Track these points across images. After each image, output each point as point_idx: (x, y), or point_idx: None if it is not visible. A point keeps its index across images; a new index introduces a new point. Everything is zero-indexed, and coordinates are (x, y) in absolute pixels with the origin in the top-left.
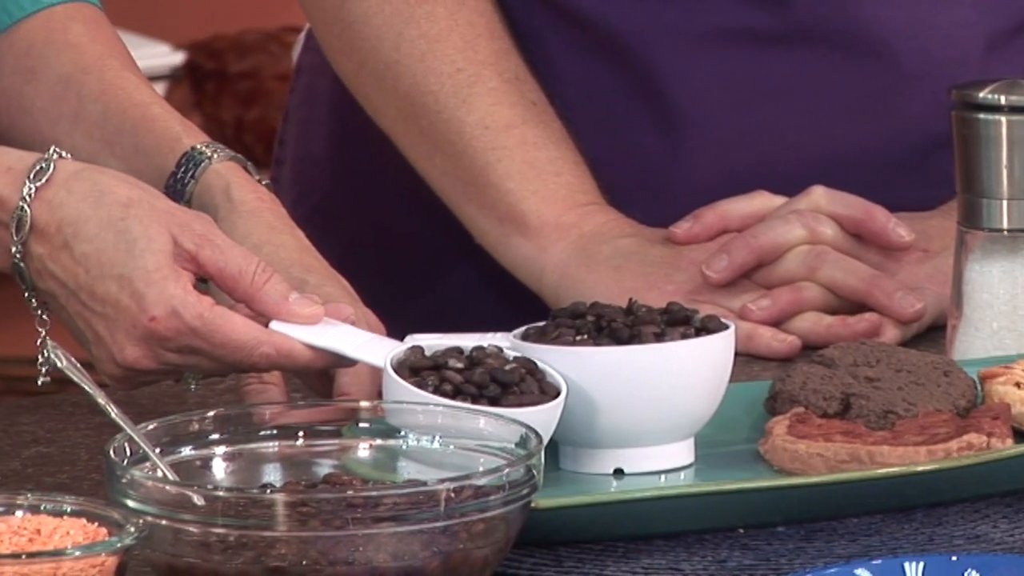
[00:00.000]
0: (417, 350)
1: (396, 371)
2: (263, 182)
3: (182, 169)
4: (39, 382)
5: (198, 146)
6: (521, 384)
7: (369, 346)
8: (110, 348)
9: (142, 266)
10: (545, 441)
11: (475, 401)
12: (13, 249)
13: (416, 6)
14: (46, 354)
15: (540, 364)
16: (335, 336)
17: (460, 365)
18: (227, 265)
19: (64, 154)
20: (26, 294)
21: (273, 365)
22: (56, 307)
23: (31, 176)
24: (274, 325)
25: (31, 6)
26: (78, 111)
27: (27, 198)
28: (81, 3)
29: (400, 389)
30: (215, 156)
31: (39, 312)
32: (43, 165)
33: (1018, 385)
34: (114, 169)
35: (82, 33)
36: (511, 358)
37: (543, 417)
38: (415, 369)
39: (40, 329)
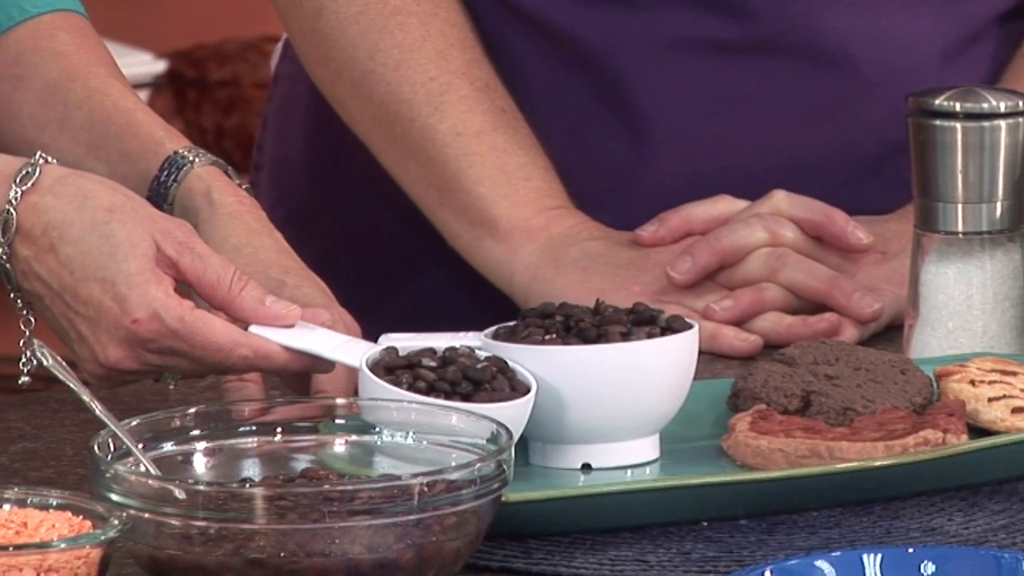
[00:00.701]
0: (392, 351)
1: (371, 370)
2: (243, 186)
3: (165, 173)
4: (20, 381)
5: (180, 151)
6: (492, 382)
7: (345, 347)
8: (93, 348)
9: (125, 269)
10: (516, 437)
11: (448, 397)
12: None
13: (390, 17)
14: (29, 354)
15: (511, 363)
16: (312, 339)
17: (433, 364)
18: (206, 272)
19: (50, 159)
20: (11, 295)
21: (251, 367)
22: (41, 308)
23: (17, 180)
24: (253, 329)
25: (19, 15)
26: (64, 117)
27: (13, 201)
28: (67, 12)
29: (375, 387)
30: (197, 160)
31: (24, 312)
32: (29, 169)
33: (973, 383)
34: (100, 174)
35: (68, 41)
36: (483, 357)
37: (514, 413)
38: (390, 368)
39: (24, 329)
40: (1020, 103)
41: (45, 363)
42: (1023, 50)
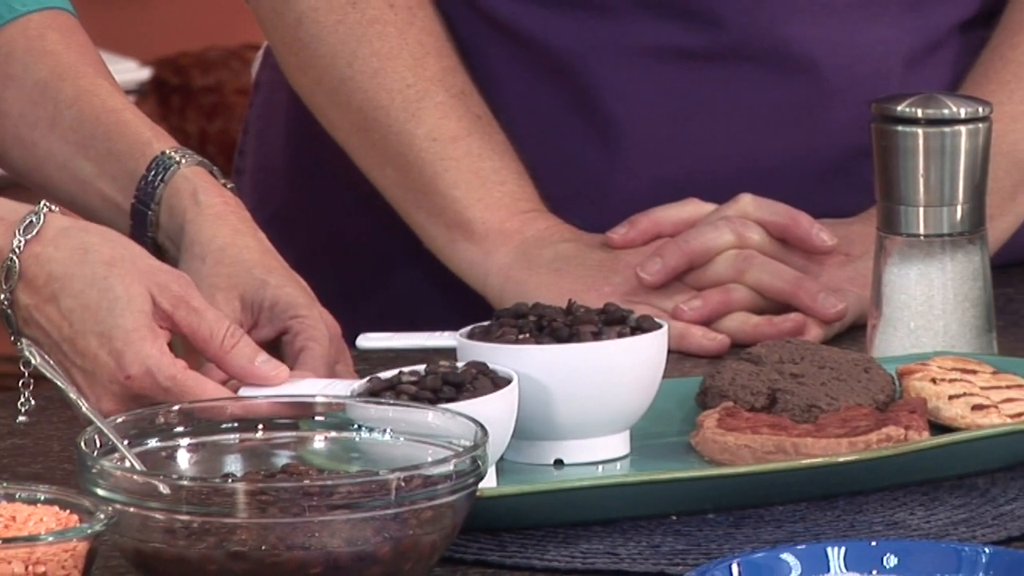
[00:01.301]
0: (375, 379)
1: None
2: (228, 186)
3: (152, 173)
4: (17, 421)
5: (167, 151)
6: (474, 382)
7: (331, 388)
8: (88, 399)
9: (122, 325)
10: (510, 429)
11: (433, 404)
12: (1, 296)
13: (368, 26)
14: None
15: (490, 364)
16: (298, 388)
17: (414, 378)
18: (200, 327)
19: (53, 208)
20: (11, 337)
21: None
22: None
23: (21, 228)
24: (243, 391)
25: (8, 13)
26: (54, 116)
27: (17, 250)
28: (57, 11)
29: (365, 410)
30: (183, 161)
31: (23, 352)
32: (33, 219)
33: (934, 381)
34: (88, 172)
35: (58, 41)
36: (461, 363)
37: (501, 405)
38: (374, 393)
39: (24, 369)
40: (980, 109)
41: (34, 361)
42: (982, 58)
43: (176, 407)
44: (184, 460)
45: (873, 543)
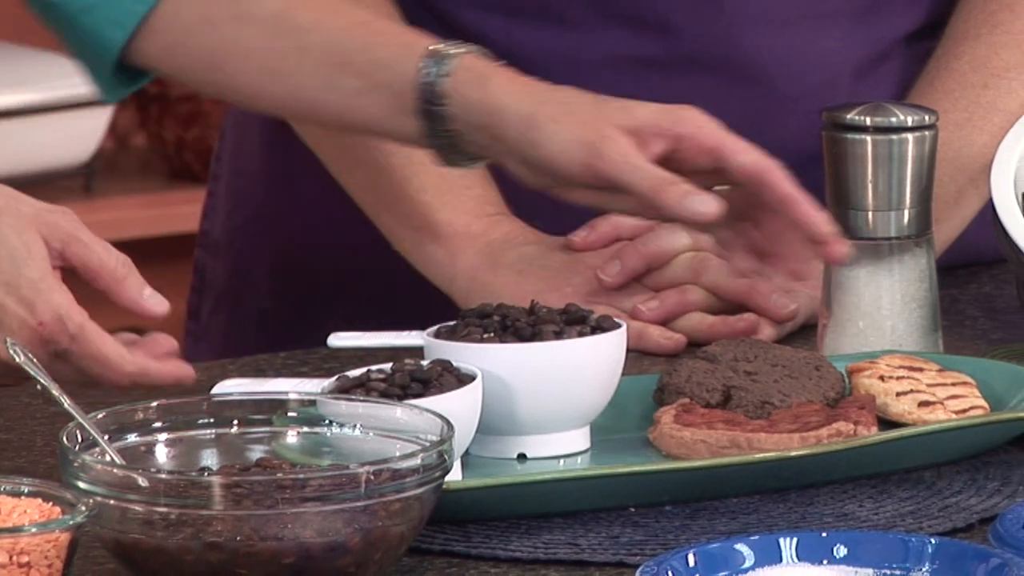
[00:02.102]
0: (345, 377)
1: (329, 397)
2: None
3: (429, 70)
4: None
5: (435, 47)
6: (440, 379)
7: (302, 386)
8: None
9: (27, 275)
10: (474, 425)
11: (401, 400)
12: None
13: None
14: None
15: (455, 362)
16: (274, 385)
17: (382, 376)
18: (91, 260)
19: None
20: None
21: (133, 384)
22: None
23: None
24: (216, 388)
25: None
26: (300, 43)
27: None
28: None
29: (335, 406)
30: (455, 52)
31: (9, 349)
32: None
33: (882, 378)
34: (351, 88)
35: None
36: (427, 361)
37: (466, 401)
38: (343, 391)
39: None
40: (926, 117)
41: (17, 359)
42: (928, 68)
43: (154, 404)
44: (162, 454)
45: (824, 534)
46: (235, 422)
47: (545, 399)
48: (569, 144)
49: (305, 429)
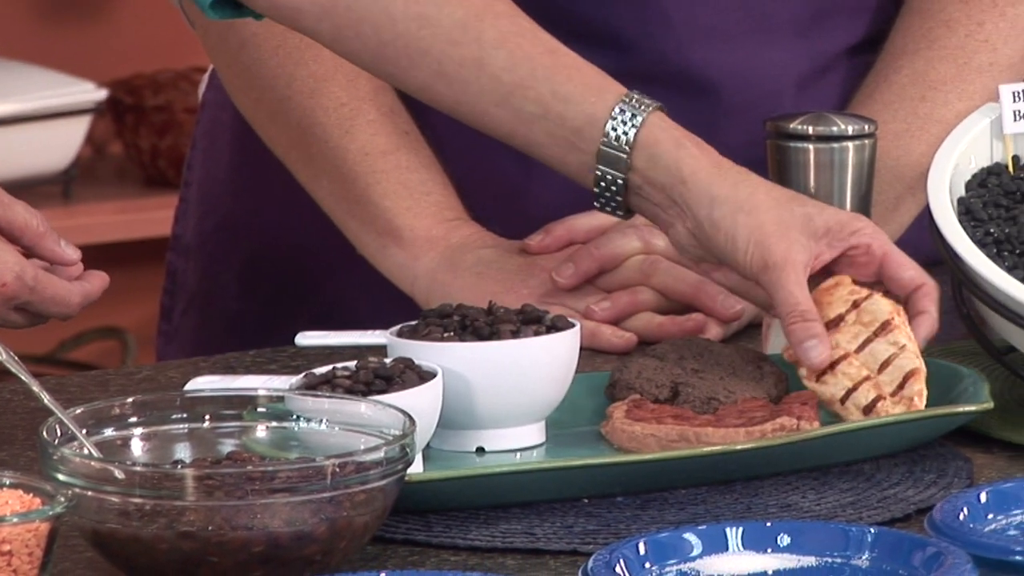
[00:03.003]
0: (311, 374)
1: (297, 393)
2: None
3: (618, 118)
4: None
5: (627, 97)
6: (402, 376)
7: (272, 383)
8: None
9: None
10: (435, 420)
11: (365, 396)
12: None
13: (305, 50)
14: None
15: (417, 360)
16: (244, 382)
17: (347, 373)
18: (15, 219)
19: None
20: None
21: (79, 308)
22: None
23: None
24: (189, 385)
25: None
26: (480, 56)
27: None
28: None
29: (303, 402)
30: (645, 106)
31: None
32: None
33: (819, 379)
34: (528, 112)
35: None
36: (390, 359)
37: (427, 397)
38: (311, 387)
39: None
40: (866, 126)
41: (0, 357)
42: (868, 80)
43: (130, 400)
44: (137, 448)
45: (768, 524)
46: (207, 417)
47: (502, 395)
48: (752, 246)
49: (274, 424)
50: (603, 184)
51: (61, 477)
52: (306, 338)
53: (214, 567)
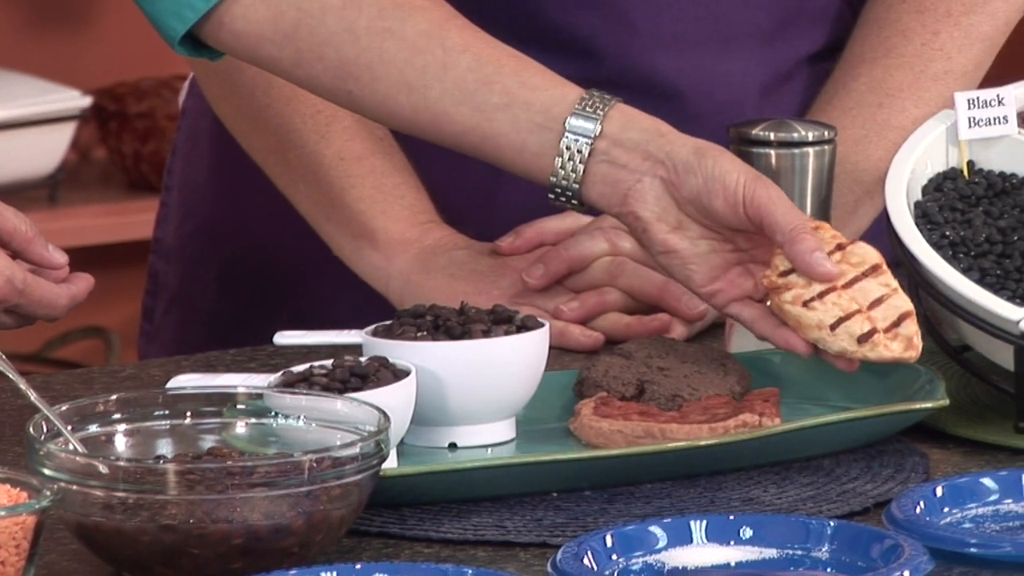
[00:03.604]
0: (289, 373)
1: (275, 390)
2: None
3: (585, 102)
4: None
5: (597, 91)
6: (377, 374)
7: (251, 380)
8: None
9: None
10: (408, 416)
11: (341, 394)
12: None
13: None
14: None
15: (391, 358)
16: (224, 380)
17: (324, 371)
18: (4, 223)
19: None
20: None
21: (65, 311)
22: None
23: None
24: (171, 383)
25: None
26: (444, 61)
27: None
28: None
29: (281, 399)
30: (609, 97)
31: None
32: None
33: (806, 304)
34: (493, 104)
35: None
36: (365, 357)
37: (401, 394)
38: (289, 385)
39: None
40: (826, 133)
41: None
42: (827, 87)
43: (114, 397)
44: (121, 443)
45: (731, 517)
46: (188, 414)
47: (474, 392)
48: (743, 175)
49: (253, 420)
50: (564, 158)
51: (47, 472)
52: (284, 337)
53: (195, 559)
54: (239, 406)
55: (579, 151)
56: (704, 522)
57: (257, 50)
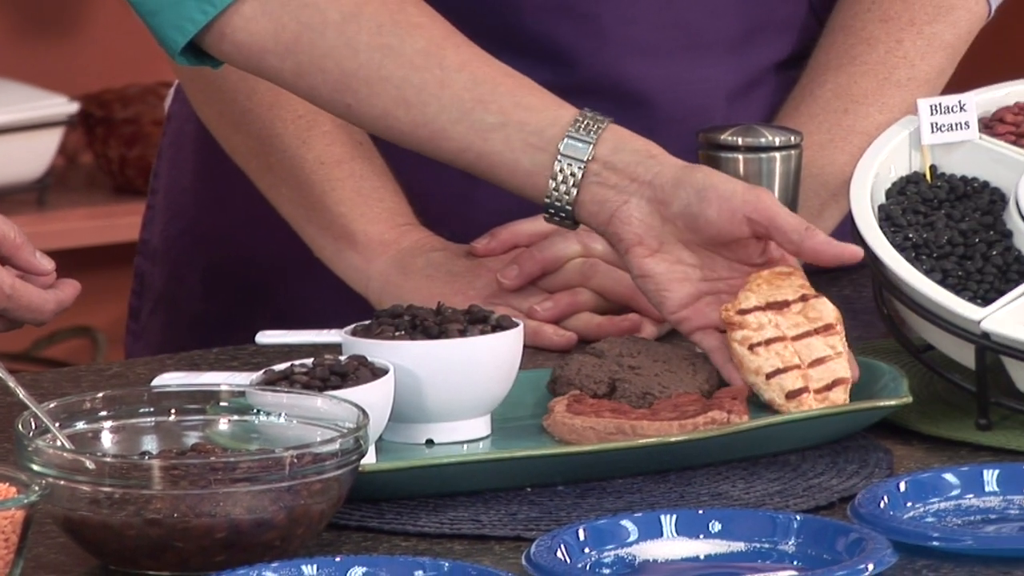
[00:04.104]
0: (271, 371)
1: (257, 388)
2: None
3: (578, 126)
4: None
5: (586, 112)
6: (356, 372)
7: (233, 379)
8: None
9: None
10: (387, 413)
11: (321, 391)
12: None
13: None
14: None
15: (370, 357)
16: (208, 378)
17: (304, 369)
18: None
19: None
20: None
21: (52, 316)
22: None
23: None
24: (156, 381)
25: None
26: (442, 79)
27: None
28: None
29: (263, 397)
30: (599, 122)
31: None
32: None
33: (752, 348)
34: (489, 123)
35: (419, 14)
36: (344, 356)
37: (379, 392)
38: (270, 382)
39: None
40: (792, 138)
41: None
42: (794, 94)
43: (100, 395)
44: (107, 440)
45: (700, 511)
46: (173, 411)
47: (450, 390)
48: (739, 187)
49: (235, 417)
50: (558, 180)
51: (35, 467)
52: (266, 337)
53: (179, 552)
54: (222, 403)
55: (572, 174)
56: (674, 516)
57: (259, 61)
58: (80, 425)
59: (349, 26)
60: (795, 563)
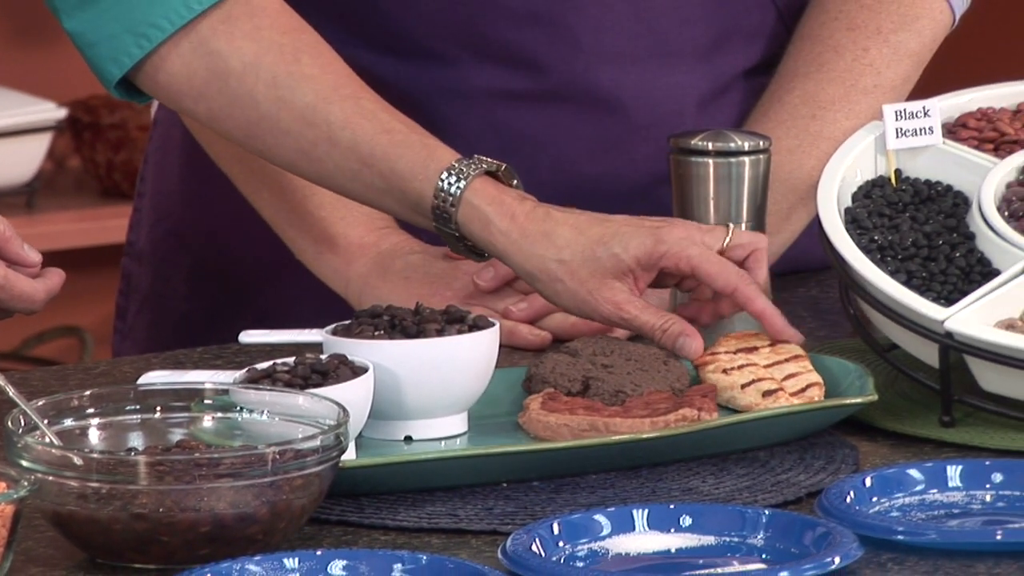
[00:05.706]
0: (253, 369)
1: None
2: (514, 183)
3: (440, 198)
4: None
5: (444, 174)
6: (337, 371)
7: (218, 377)
8: None
9: None
10: (367, 410)
11: (303, 389)
12: None
13: None
14: None
15: (350, 356)
16: (192, 376)
17: (286, 368)
18: None
19: None
20: None
21: (43, 304)
22: None
23: None
24: (143, 379)
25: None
26: (330, 136)
27: None
28: (300, 29)
29: (246, 395)
30: (466, 176)
31: None
32: None
33: (725, 372)
34: (379, 186)
35: (312, 64)
36: (325, 355)
37: (359, 390)
38: (253, 380)
39: None
40: (761, 143)
41: None
42: (763, 100)
43: (88, 393)
44: (94, 436)
45: (671, 506)
46: (158, 408)
47: (428, 388)
48: (570, 305)
49: (219, 414)
50: (452, 243)
51: (25, 463)
52: (249, 336)
53: (164, 545)
54: (206, 401)
55: (450, 234)
56: (646, 511)
57: (178, 102)
58: (68, 422)
59: (248, 77)
60: (763, 556)
